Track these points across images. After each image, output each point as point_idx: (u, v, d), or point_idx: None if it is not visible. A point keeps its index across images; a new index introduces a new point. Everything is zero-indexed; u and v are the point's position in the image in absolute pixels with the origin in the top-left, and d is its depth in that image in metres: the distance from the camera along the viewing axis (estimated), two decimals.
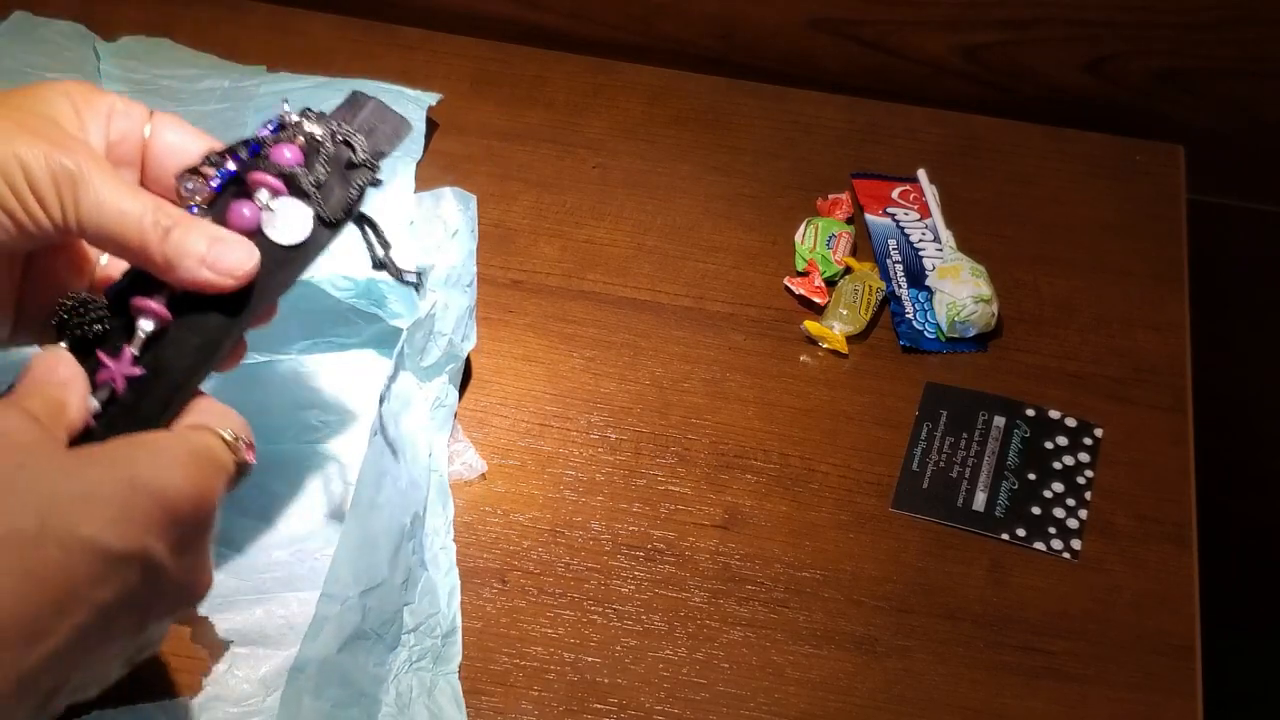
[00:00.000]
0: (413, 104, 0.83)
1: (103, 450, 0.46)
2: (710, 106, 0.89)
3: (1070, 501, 0.70)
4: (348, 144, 0.55)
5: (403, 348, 0.66)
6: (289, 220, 0.53)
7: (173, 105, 0.82)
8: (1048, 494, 0.71)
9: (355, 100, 0.57)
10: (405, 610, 0.62)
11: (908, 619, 0.66)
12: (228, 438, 0.50)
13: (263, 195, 0.53)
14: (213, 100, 0.83)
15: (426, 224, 0.76)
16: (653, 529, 0.68)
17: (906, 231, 0.82)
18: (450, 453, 0.70)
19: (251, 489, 0.61)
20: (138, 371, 0.50)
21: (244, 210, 0.53)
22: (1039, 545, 0.69)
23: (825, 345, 0.76)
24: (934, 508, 0.70)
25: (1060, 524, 0.69)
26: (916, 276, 0.79)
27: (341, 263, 0.72)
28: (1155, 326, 0.78)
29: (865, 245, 0.81)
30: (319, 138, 0.55)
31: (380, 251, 0.58)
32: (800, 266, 0.80)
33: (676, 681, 0.63)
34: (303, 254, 0.54)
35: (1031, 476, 0.71)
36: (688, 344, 0.76)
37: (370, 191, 0.56)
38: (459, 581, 0.65)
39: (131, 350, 0.50)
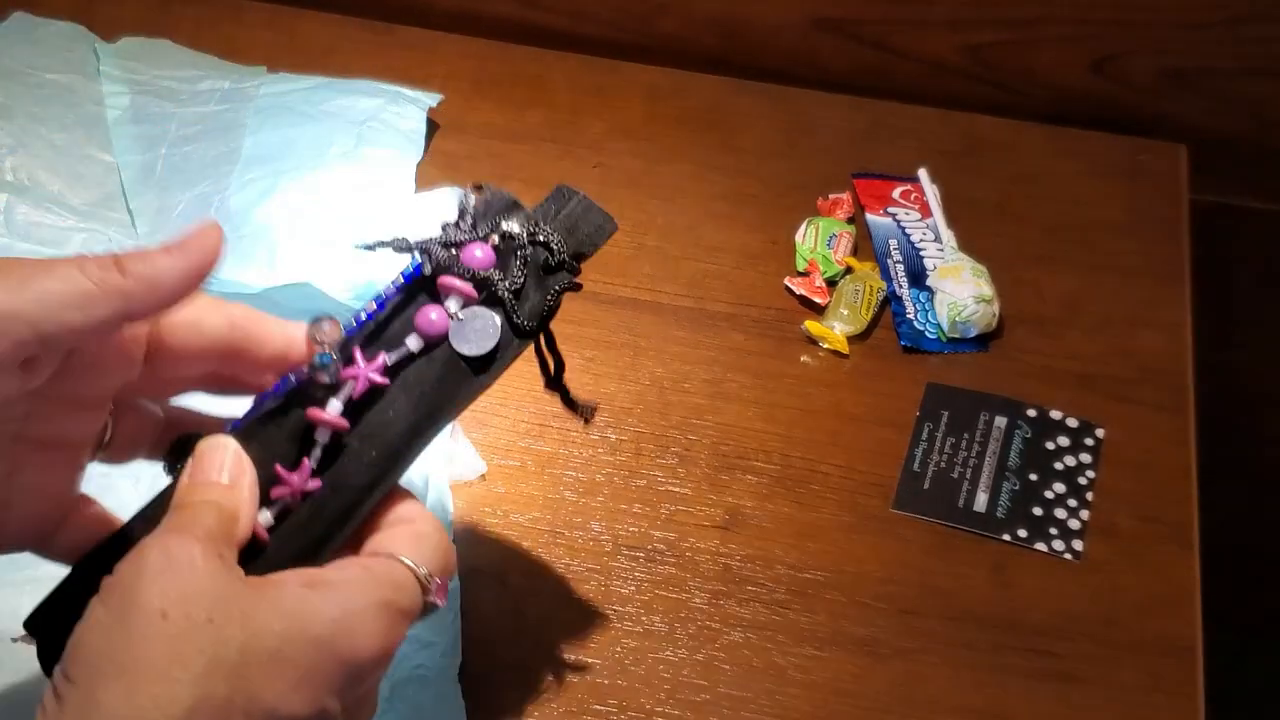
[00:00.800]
0: (413, 104, 0.82)
1: (287, 598, 0.43)
2: (711, 106, 0.89)
3: (1072, 502, 0.70)
4: (545, 245, 0.52)
5: None
6: (477, 330, 0.50)
7: (172, 106, 0.82)
8: (1049, 495, 0.70)
9: (560, 195, 0.54)
10: None
11: (911, 620, 0.66)
12: (420, 575, 0.47)
13: (452, 303, 0.50)
14: (212, 101, 0.82)
15: (425, 224, 0.76)
16: (653, 530, 0.68)
17: (907, 231, 0.81)
18: (450, 453, 0.69)
19: None
20: (315, 485, 0.47)
21: (431, 315, 0.49)
22: (1040, 546, 0.69)
23: (826, 345, 0.76)
24: (935, 508, 0.70)
25: (1062, 525, 0.69)
26: (917, 276, 0.79)
27: (338, 265, 0.72)
28: (1157, 326, 0.78)
29: (866, 245, 0.81)
30: (515, 236, 0.51)
31: (551, 371, 0.55)
32: (801, 266, 0.80)
33: (677, 683, 0.63)
34: (489, 365, 0.50)
35: (1033, 477, 0.71)
36: (688, 344, 0.76)
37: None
38: (459, 582, 0.65)
39: (310, 463, 0.47)
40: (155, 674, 0.40)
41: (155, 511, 0.47)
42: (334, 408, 0.47)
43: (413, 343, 0.49)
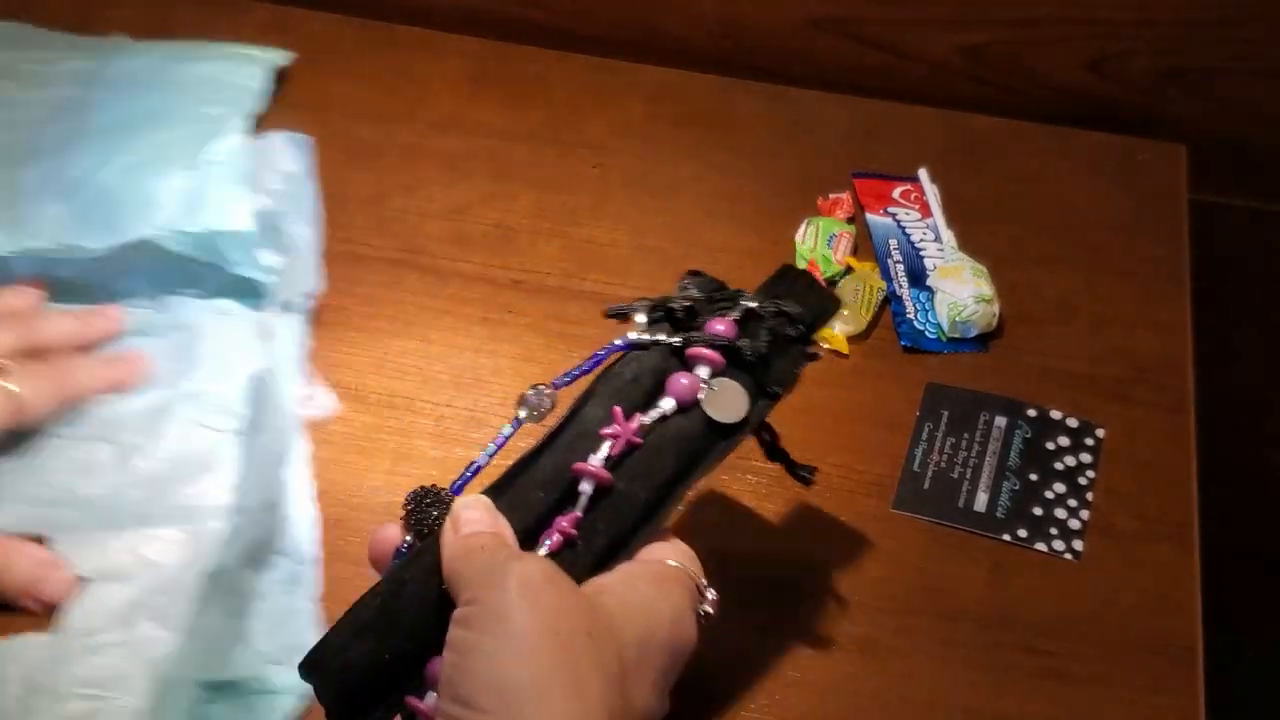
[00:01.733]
0: (256, 64, 0.84)
1: (631, 605, 0.49)
2: (710, 106, 0.89)
3: (1072, 502, 0.70)
4: (784, 315, 0.57)
5: (265, 293, 0.71)
6: (729, 400, 0.55)
7: (30, 90, 0.81)
8: (1049, 494, 0.70)
9: (784, 274, 0.60)
10: (276, 535, 0.65)
11: (909, 620, 0.66)
12: (700, 584, 0.53)
13: (703, 371, 0.55)
14: (67, 84, 0.82)
15: (263, 170, 0.77)
16: None
17: (907, 231, 0.81)
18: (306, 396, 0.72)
19: (112, 429, 0.66)
20: (573, 528, 0.52)
21: (683, 380, 0.55)
22: (1040, 546, 0.69)
23: (826, 345, 0.76)
24: (935, 508, 0.70)
25: (1062, 525, 0.69)
26: (917, 276, 0.79)
27: (175, 221, 0.72)
28: (1157, 326, 0.78)
29: (866, 245, 0.81)
30: (757, 309, 0.57)
31: (768, 439, 0.61)
32: (801, 266, 0.80)
33: (677, 683, 0.63)
34: (740, 428, 0.56)
35: (1033, 477, 0.71)
36: None
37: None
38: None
39: (576, 513, 0.52)
40: (571, 692, 0.44)
41: (413, 571, 0.51)
42: (595, 461, 0.53)
43: (666, 405, 0.55)
